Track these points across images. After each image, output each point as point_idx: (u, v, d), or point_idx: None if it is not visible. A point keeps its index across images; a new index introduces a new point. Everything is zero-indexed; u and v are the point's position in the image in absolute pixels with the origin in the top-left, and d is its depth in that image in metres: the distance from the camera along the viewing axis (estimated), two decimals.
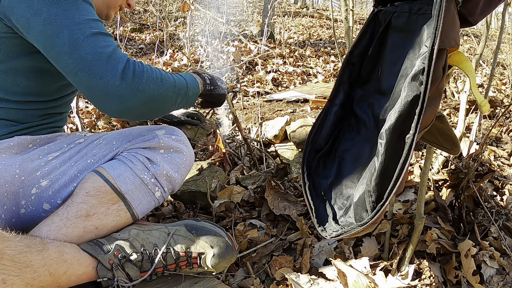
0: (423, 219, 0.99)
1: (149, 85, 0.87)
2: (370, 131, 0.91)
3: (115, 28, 5.53)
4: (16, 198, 0.87)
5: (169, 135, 0.98)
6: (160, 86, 0.89)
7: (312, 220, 0.89)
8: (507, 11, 2.56)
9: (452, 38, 0.72)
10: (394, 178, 0.70)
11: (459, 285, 1.02)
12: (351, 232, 0.77)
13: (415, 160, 1.64)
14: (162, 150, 0.96)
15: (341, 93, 0.99)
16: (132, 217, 0.93)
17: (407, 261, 1.02)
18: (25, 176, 0.88)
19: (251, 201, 1.39)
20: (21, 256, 0.71)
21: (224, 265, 0.93)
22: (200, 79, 1.11)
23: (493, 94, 2.93)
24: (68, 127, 1.87)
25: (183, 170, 1.00)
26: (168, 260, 0.90)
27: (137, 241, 0.89)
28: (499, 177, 1.52)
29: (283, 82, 3.46)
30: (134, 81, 0.84)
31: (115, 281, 0.84)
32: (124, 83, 0.83)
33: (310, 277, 0.98)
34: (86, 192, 0.88)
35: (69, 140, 0.98)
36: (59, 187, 0.90)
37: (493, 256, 1.07)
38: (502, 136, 2.08)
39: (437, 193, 1.27)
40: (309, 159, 0.99)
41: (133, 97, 0.85)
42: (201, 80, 1.12)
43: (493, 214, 1.24)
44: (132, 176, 0.91)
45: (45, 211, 0.90)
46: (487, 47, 4.47)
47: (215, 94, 1.18)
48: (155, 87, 0.88)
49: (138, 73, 0.85)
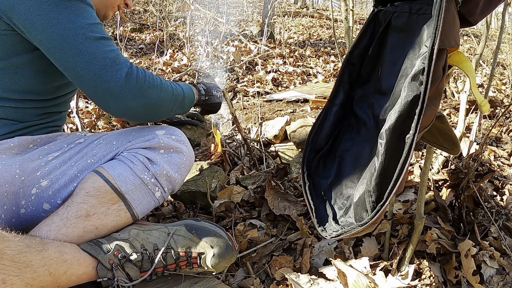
0: (423, 219, 0.99)
1: (150, 91, 0.91)
2: (370, 131, 0.91)
3: (115, 28, 5.53)
4: (16, 198, 0.87)
5: (169, 135, 0.98)
6: (159, 92, 0.94)
7: (312, 220, 0.89)
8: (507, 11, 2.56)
9: (452, 38, 0.72)
10: (394, 178, 0.69)
11: (459, 285, 1.02)
12: (351, 232, 0.77)
13: (415, 160, 1.64)
14: (162, 150, 0.96)
15: (341, 93, 0.99)
16: (132, 217, 0.93)
17: (407, 261, 1.02)
18: (25, 176, 0.88)
19: (251, 201, 1.39)
20: (21, 256, 0.71)
21: (224, 265, 0.93)
22: (195, 90, 1.20)
23: (493, 94, 2.93)
24: (68, 127, 1.87)
25: (183, 170, 1.00)
26: (168, 260, 0.90)
27: (137, 241, 0.89)
28: (499, 177, 1.52)
29: (283, 82, 3.46)
30: (137, 86, 0.89)
31: (115, 281, 0.84)
32: (128, 87, 0.87)
33: (310, 277, 0.98)
34: (86, 192, 0.88)
35: (69, 140, 0.98)
36: (59, 187, 0.90)
37: (493, 256, 1.07)
38: (502, 136, 2.08)
39: (437, 193, 1.27)
40: (309, 159, 0.99)
41: (135, 101, 0.89)
42: (197, 91, 1.22)
43: (493, 214, 1.24)
44: (132, 176, 0.91)
45: (45, 211, 0.90)
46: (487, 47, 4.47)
47: (210, 103, 1.29)
48: (155, 94, 0.92)
49: (140, 79, 0.90)
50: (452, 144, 0.91)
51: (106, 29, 5.71)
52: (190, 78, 3.26)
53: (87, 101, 2.56)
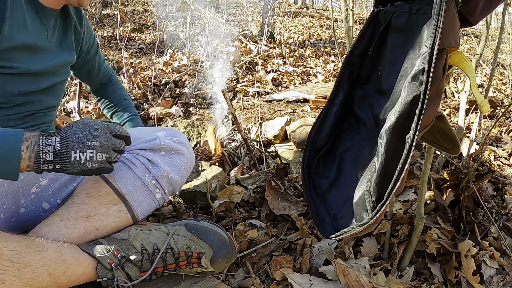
0: (423, 219, 0.99)
1: None
2: (370, 131, 0.91)
3: (115, 28, 5.54)
4: (15, 197, 0.87)
5: (170, 137, 0.98)
6: None
7: (312, 220, 0.89)
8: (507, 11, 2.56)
9: (452, 38, 0.72)
10: (394, 178, 0.69)
11: (459, 285, 1.02)
12: (351, 232, 0.77)
13: (415, 160, 1.64)
14: (163, 152, 0.96)
15: (341, 93, 0.99)
16: (133, 219, 0.93)
17: (407, 261, 1.02)
18: (25, 175, 0.88)
19: (251, 201, 1.39)
20: (20, 257, 0.71)
21: (224, 264, 0.93)
22: (27, 154, 0.70)
23: (493, 94, 2.93)
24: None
25: (184, 172, 1.00)
26: (168, 259, 0.90)
27: (137, 241, 0.89)
28: (499, 177, 1.52)
29: (283, 82, 3.46)
30: None
31: (115, 281, 0.84)
32: None
33: (310, 277, 0.98)
34: (86, 193, 0.88)
35: None
36: (58, 187, 0.90)
37: (493, 256, 1.07)
38: (502, 136, 2.08)
39: (437, 193, 1.27)
40: (309, 159, 0.99)
41: None
42: (32, 155, 0.71)
43: (493, 214, 1.24)
44: (133, 177, 0.91)
45: (45, 210, 0.90)
46: (487, 47, 4.47)
47: (68, 171, 0.75)
48: None
49: None
50: (452, 144, 0.90)
51: (106, 29, 5.71)
52: (190, 78, 3.26)
53: (87, 101, 2.56)
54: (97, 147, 0.75)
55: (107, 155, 0.76)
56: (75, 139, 0.73)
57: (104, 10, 6.92)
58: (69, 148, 0.72)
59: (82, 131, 0.74)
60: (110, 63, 3.66)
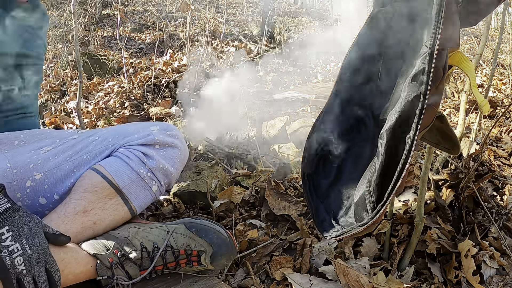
0: (423, 219, 0.99)
1: None
2: (370, 131, 0.91)
3: (115, 28, 5.53)
4: (10, 192, 0.87)
5: (164, 131, 1.00)
6: None
7: (312, 220, 0.89)
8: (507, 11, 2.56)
9: (452, 38, 0.72)
10: (394, 178, 0.69)
11: (459, 285, 1.02)
12: (351, 232, 0.77)
13: (415, 160, 1.64)
14: (157, 145, 0.97)
15: (341, 93, 0.99)
16: (130, 211, 0.94)
17: (407, 261, 1.02)
18: (18, 169, 0.89)
19: (251, 201, 1.39)
20: None
21: (223, 262, 0.93)
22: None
23: (493, 94, 2.93)
24: (68, 127, 1.87)
25: (179, 164, 1.01)
26: (167, 258, 0.90)
27: (137, 239, 0.89)
28: (499, 177, 1.52)
29: (283, 82, 3.46)
30: None
31: (115, 279, 0.84)
32: None
33: (310, 277, 0.98)
34: (83, 189, 0.89)
35: (62, 136, 1.00)
36: (54, 181, 0.91)
37: (493, 256, 1.07)
38: (502, 136, 2.08)
39: (437, 193, 1.27)
40: (309, 159, 0.99)
41: None
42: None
43: (493, 214, 1.24)
44: (129, 170, 0.92)
45: (42, 205, 0.91)
46: (487, 47, 4.47)
47: None
48: None
49: None
50: (452, 144, 0.90)
51: (106, 29, 5.71)
52: (191, 78, 3.26)
53: (87, 101, 2.56)
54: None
55: None
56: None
57: (104, 10, 6.92)
58: None
59: None
60: (110, 63, 3.66)
